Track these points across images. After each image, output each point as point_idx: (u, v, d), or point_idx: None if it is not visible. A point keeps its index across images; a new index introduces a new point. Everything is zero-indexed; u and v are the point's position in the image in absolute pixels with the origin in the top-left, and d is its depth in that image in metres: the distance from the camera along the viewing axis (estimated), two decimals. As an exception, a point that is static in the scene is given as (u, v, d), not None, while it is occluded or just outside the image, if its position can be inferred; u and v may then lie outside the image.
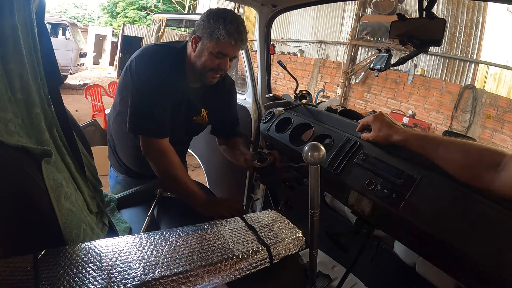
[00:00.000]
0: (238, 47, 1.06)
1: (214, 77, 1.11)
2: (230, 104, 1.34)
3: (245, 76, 1.70)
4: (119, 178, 1.37)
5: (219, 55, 1.06)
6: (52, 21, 8.26)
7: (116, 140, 1.28)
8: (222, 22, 1.02)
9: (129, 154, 1.27)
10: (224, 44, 1.03)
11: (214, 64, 1.07)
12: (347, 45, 6.60)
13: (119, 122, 1.19)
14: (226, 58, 1.08)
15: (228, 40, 1.01)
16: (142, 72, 1.05)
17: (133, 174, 1.32)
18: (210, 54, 1.05)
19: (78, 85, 8.66)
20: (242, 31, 1.04)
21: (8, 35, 0.60)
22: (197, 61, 1.09)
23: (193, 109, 1.23)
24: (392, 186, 0.84)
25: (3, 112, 0.57)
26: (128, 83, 1.08)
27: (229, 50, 1.05)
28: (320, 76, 7.29)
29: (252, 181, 1.78)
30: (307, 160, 0.62)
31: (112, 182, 1.42)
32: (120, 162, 1.32)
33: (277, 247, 0.67)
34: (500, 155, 0.67)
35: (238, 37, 1.03)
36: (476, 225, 0.69)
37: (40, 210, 0.58)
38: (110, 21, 17.94)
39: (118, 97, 1.17)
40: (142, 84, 1.05)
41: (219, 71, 1.10)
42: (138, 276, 0.51)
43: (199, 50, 1.08)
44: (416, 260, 1.02)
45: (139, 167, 1.28)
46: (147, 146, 1.08)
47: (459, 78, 5.27)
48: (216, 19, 1.02)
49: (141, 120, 1.06)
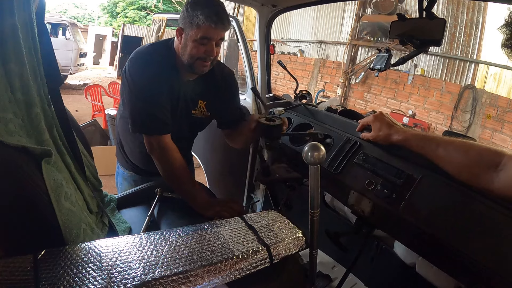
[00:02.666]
0: (219, 29, 1.05)
1: (204, 65, 1.10)
2: (230, 94, 1.30)
3: (245, 76, 1.70)
4: (125, 175, 1.40)
5: (203, 41, 1.05)
6: (52, 21, 8.26)
7: (122, 138, 1.32)
8: (199, 9, 1.02)
9: (134, 151, 1.31)
10: (205, 28, 1.02)
11: (200, 51, 1.06)
12: (347, 45, 6.60)
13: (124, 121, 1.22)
14: (211, 43, 1.06)
15: (208, 23, 1.01)
16: (135, 74, 1.07)
17: (139, 170, 1.35)
18: (194, 42, 1.05)
19: (78, 85, 8.66)
20: (220, 12, 1.03)
21: (8, 35, 0.60)
22: (184, 52, 1.09)
23: (190, 102, 1.22)
24: (392, 186, 0.84)
25: (3, 112, 0.57)
26: (124, 86, 1.11)
27: (211, 33, 1.04)
28: (320, 76, 7.29)
29: (252, 181, 1.78)
30: (307, 160, 0.62)
31: (119, 179, 1.45)
32: (127, 159, 1.35)
33: (277, 247, 0.67)
34: (499, 155, 0.67)
35: (218, 19, 1.02)
36: (476, 225, 0.69)
37: (40, 210, 0.58)
38: (110, 21, 17.94)
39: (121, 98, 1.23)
40: (136, 86, 1.07)
41: (207, 58, 1.09)
42: (138, 276, 0.51)
43: (183, 41, 1.08)
44: (416, 260, 1.02)
45: (144, 164, 1.31)
46: (151, 144, 1.09)
47: (459, 78, 5.27)
48: (194, 7, 1.03)
49: (140, 120, 1.08)
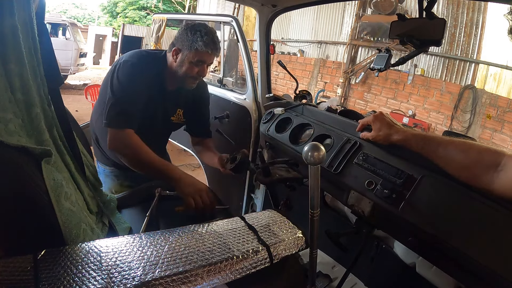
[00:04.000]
0: (213, 55, 1.25)
1: (194, 83, 1.30)
2: (203, 104, 1.49)
3: (245, 76, 1.70)
4: (107, 171, 1.42)
5: (198, 63, 1.23)
6: (52, 21, 8.25)
7: (98, 134, 1.37)
8: (199, 35, 1.19)
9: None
10: (202, 53, 1.21)
11: (194, 71, 1.24)
12: (347, 45, 6.60)
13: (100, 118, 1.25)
14: (204, 65, 1.25)
15: (206, 50, 1.20)
16: (125, 74, 1.18)
17: (118, 165, 1.36)
18: (190, 63, 1.22)
19: (78, 85, 8.66)
20: (216, 41, 1.23)
21: (8, 35, 0.60)
22: (178, 70, 1.25)
23: (170, 110, 1.39)
24: (392, 186, 0.84)
25: (3, 112, 0.57)
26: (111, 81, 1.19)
27: (207, 58, 1.23)
28: (320, 76, 7.29)
29: (252, 181, 1.78)
30: (307, 160, 0.62)
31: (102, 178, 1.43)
32: (104, 153, 1.38)
33: (277, 247, 0.67)
34: (499, 155, 0.67)
35: (214, 47, 1.21)
36: (476, 225, 0.69)
37: (40, 210, 0.58)
38: (110, 21, 17.94)
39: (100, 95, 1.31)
40: (119, 84, 1.17)
41: (197, 77, 1.28)
42: (138, 276, 0.51)
43: (180, 61, 1.24)
44: (416, 260, 1.02)
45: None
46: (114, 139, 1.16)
47: (459, 78, 5.27)
48: (194, 32, 1.20)
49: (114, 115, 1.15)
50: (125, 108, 1.16)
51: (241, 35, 1.63)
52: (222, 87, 1.93)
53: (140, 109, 1.20)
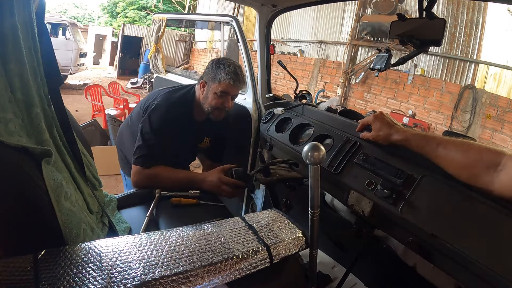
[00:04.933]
0: (236, 86, 1.32)
1: (220, 115, 1.38)
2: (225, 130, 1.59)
3: (245, 76, 1.70)
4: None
5: (222, 94, 1.31)
6: (52, 21, 8.25)
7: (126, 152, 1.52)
8: (222, 68, 1.30)
9: None
10: (225, 84, 1.29)
11: (218, 102, 1.32)
12: (347, 45, 6.60)
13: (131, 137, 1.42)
14: (228, 97, 1.33)
15: (228, 81, 1.28)
16: (157, 119, 1.28)
17: None
18: (215, 94, 1.31)
19: (78, 85, 8.65)
20: (239, 73, 1.31)
21: (8, 35, 0.60)
22: (205, 102, 1.35)
23: (198, 139, 1.50)
24: (392, 186, 0.84)
25: (3, 112, 0.57)
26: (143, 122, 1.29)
27: (230, 89, 1.31)
28: (320, 76, 7.28)
29: (252, 181, 1.78)
30: (307, 160, 0.62)
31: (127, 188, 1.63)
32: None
33: (277, 247, 0.67)
34: (499, 155, 0.67)
35: (236, 78, 1.30)
36: (476, 225, 0.69)
37: (40, 210, 0.58)
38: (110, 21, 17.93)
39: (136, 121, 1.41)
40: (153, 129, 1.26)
41: (223, 109, 1.36)
42: (138, 276, 0.51)
43: (205, 93, 1.34)
44: (416, 260, 1.02)
45: None
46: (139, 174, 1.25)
47: (459, 78, 5.27)
48: (218, 65, 1.31)
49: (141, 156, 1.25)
50: (152, 150, 1.25)
51: (241, 35, 1.63)
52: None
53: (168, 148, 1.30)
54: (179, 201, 1.22)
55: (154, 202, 1.19)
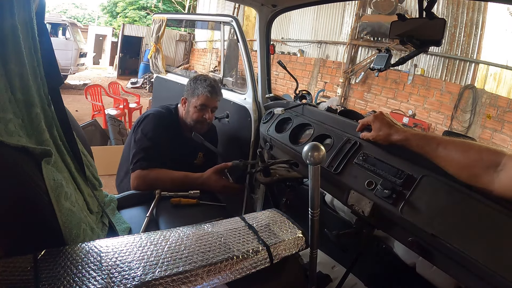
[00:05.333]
0: (214, 98, 1.44)
1: (202, 128, 1.48)
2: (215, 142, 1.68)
3: (245, 76, 1.70)
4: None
5: (202, 107, 1.42)
6: (52, 21, 8.24)
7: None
8: (199, 83, 1.42)
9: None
10: (203, 97, 1.41)
11: (199, 116, 1.43)
12: (347, 45, 6.59)
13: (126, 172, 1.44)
14: (208, 109, 1.44)
15: (205, 94, 1.41)
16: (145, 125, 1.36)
17: None
18: (195, 108, 1.43)
19: (78, 85, 8.65)
20: (215, 86, 1.43)
21: (8, 35, 0.60)
22: (187, 117, 1.46)
23: (192, 154, 1.57)
24: (392, 186, 0.84)
25: (3, 112, 0.57)
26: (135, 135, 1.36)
27: (208, 102, 1.43)
28: (320, 76, 7.28)
29: (252, 181, 1.78)
30: (307, 160, 0.62)
31: None
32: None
33: (277, 247, 0.67)
34: (499, 155, 0.67)
35: (212, 90, 1.42)
36: (476, 225, 0.69)
37: (40, 210, 0.58)
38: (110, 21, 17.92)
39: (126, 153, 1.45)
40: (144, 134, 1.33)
41: (204, 122, 1.46)
42: (138, 276, 0.51)
43: (187, 108, 1.46)
44: (416, 260, 1.02)
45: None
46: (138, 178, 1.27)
47: (459, 78, 5.26)
48: (195, 81, 1.44)
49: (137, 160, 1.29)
50: (147, 153, 1.30)
51: (241, 35, 1.63)
52: (222, 87, 1.93)
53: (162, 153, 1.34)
54: (179, 201, 1.22)
55: (154, 202, 1.19)
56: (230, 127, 1.83)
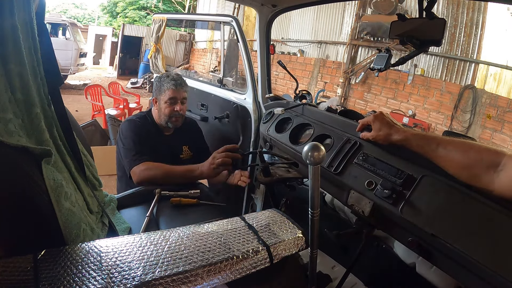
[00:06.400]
0: (180, 90, 1.50)
1: (176, 120, 1.53)
2: (199, 138, 1.74)
3: (245, 76, 1.70)
4: None
5: (171, 101, 1.48)
6: (52, 21, 8.25)
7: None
8: (163, 79, 1.50)
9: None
10: (170, 91, 1.47)
11: (172, 109, 1.49)
12: (347, 45, 6.59)
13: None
14: (177, 101, 1.49)
15: (170, 87, 1.47)
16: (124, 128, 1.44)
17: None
18: (165, 104, 1.49)
19: (78, 85, 8.65)
20: (178, 78, 1.51)
21: (8, 35, 0.60)
22: (161, 114, 1.52)
23: (177, 150, 1.60)
24: (392, 186, 0.84)
25: (3, 112, 0.57)
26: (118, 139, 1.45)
27: (175, 94, 1.48)
28: (320, 76, 7.28)
29: (252, 181, 1.78)
30: (307, 160, 0.62)
31: None
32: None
33: (277, 247, 0.67)
34: (499, 155, 0.67)
35: (176, 82, 1.48)
36: (476, 225, 0.69)
37: (40, 210, 0.58)
38: (110, 21, 17.92)
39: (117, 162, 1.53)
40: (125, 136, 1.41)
41: (177, 114, 1.51)
42: (138, 276, 0.51)
43: (159, 106, 1.52)
44: (416, 260, 1.02)
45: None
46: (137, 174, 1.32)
47: (459, 78, 5.26)
48: (159, 80, 1.52)
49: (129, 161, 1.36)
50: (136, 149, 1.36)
51: (241, 35, 1.63)
52: (222, 87, 1.93)
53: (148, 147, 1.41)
54: (179, 201, 1.22)
55: (154, 202, 1.19)
56: (230, 127, 1.83)
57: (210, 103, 1.98)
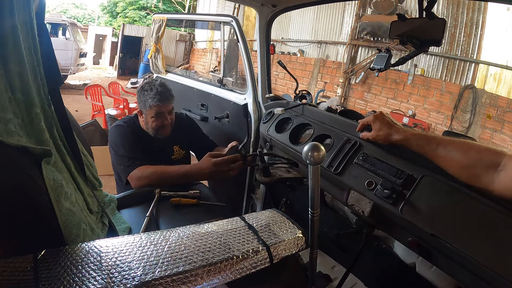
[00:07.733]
0: (166, 104, 1.40)
1: (165, 132, 1.46)
2: (195, 130, 1.67)
3: (245, 76, 1.70)
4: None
5: (158, 115, 1.40)
6: (52, 21, 8.24)
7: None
8: (147, 93, 1.39)
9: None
10: (155, 107, 1.38)
11: (158, 124, 1.42)
12: (347, 45, 6.59)
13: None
14: (164, 115, 1.42)
15: (156, 103, 1.37)
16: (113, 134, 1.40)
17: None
18: (152, 118, 1.41)
19: (78, 85, 8.65)
20: (164, 91, 1.39)
21: (8, 35, 0.60)
22: (148, 127, 1.45)
23: (167, 152, 1.54)
24: (392, 186, 0.84)
25: (3, 112, 0.57)
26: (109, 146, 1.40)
27: (162, 108, 1.40)
28: (320, 76, 7.28)
29: (252, 181, 1.78)
30: (307, 160, 0.62)
31: None
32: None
33: (277, 247, 0.67)
34: (499, 155, 0.67)
35: (162, 97, 1.38)
36: (476, 225, 0.69)
37: (40, 210, 0.58)
38: (110, 21, 17.92)
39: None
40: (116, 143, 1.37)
41: (165, 126, 1.44)
42: (138, 276, 0.51)
43: (145, 119, 1.44)
44: (416, 260, 1.02)
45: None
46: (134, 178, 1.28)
47: (459, 78, 5.26)
48: (143, 93, 1.41)
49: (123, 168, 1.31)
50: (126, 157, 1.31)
51: (241, 35, 1.63)
52: (222, 87, 1.93)
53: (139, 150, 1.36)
54: (179, 201, 1.22)
55: (154, 202, 1.19)
56: (230, 127, 1.83)
57: (210, 103, 1.98)
